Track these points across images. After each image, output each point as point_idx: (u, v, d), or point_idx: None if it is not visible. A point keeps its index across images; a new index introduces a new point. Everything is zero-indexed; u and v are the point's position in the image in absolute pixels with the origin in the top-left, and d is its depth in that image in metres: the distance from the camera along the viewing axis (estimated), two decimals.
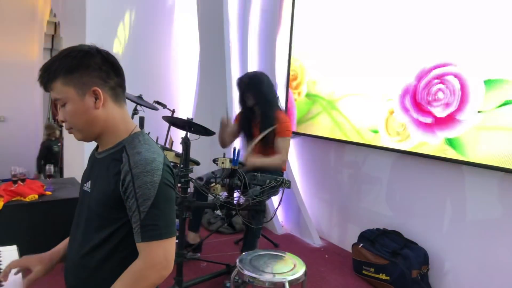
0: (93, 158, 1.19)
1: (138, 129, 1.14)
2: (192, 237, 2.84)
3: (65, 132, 4.95)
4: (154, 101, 3.20)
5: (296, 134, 3.54)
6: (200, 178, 2.53)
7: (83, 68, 1.03)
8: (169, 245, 1.02)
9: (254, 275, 1.73)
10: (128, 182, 1.01)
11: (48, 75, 1.03)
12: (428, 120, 2.50)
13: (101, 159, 1.12)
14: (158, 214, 1.00)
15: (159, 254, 1.00)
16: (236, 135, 2.95)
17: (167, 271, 1.02)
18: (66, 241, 1.27)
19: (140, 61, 4.09)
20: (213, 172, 2.50)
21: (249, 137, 2.88)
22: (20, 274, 1.18)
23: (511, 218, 2.18)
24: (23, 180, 2.67)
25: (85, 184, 1.15)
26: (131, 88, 1.17)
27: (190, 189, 2.32)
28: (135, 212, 1.00)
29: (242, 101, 2.83)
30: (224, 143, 2.90)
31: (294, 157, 3.71)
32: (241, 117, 2.91)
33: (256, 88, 2.73)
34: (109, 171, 1.06)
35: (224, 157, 2.36)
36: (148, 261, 0.99)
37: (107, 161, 1.09)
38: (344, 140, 3.12)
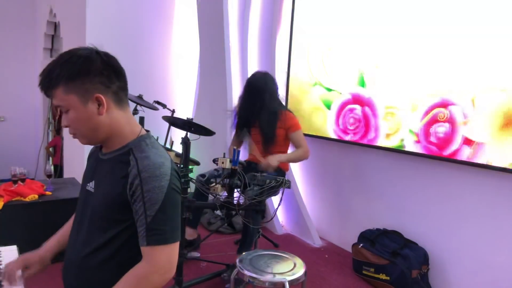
0: (96, 157, 1.18)
1: (144, 131, 1.13)
2: (189, 233, 2.84)
3: (65, 133, 4.95)
4: (154, 101, 3.20)
5: None
6: (202, 175, 2.53)
7: (84, 75, 1.01)
8: (173, 250, 1.02)
9: (254, 275, 1.73)
10: (136, 186, 1.00)
11: (49, 82, 1.01)
12: None
13: (107, 160, 1.11)
14: (164, 219, 1.00)
15: (163, 259, 1.00)
16: (242, 141, 2.99)
17: (170, 275, 1.02)
18: (57, 237, 1.28)
19: (140, 61, 4.09)
20: (216, 169, 2.49)
21: (246, 124, 2.90)
22: (19, 273, 1.19)
23: (511, 217, 2.18)
24: (23, 180, 2.67)
25: (88, 184, 1.14)
26: (131, 88, 1.16)
27: (190, 189, 2.32)
28: (141, 216, 1.00)
29: (248, 104, 2.82)
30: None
31: None
32: (240, 122, 2.92)
33: (262, 97, 2.75)
34: (115, 173, 1.06)
35: (224, 157, 2.36)
36: (152, 265, 0.99)
37: (113, 163, 1.08)
38: (344, 140, 3.13)
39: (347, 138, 3.07)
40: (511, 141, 2.10)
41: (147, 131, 1.16)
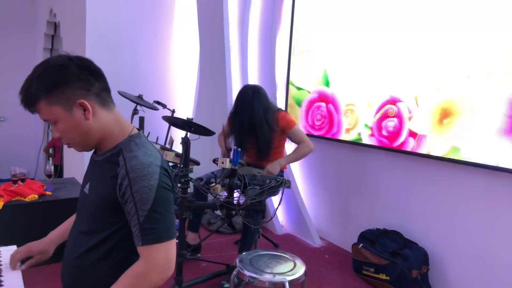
0: (92, 160, 1.19)
1: (135, 130, 1.13)
2: (192, 238, 2.82)
3: None
4: (154, 101, 3.20)
5: None
6: (200, 179, 2.53)
7: (62, 83, 1.00)
8: (170, 247, 1.02)
9: (254, 275, 1.73)
10: (125, 187, 1.01)
11: (29, 99, 1.00)
12: None
13: (99, 161, 1.12)
14: (157, 218, 1.00)
15: (160, 257, 1.00)
16: (229, 136, 2.94)
17: (169, 273, 1.02)
18: (61, 230, 1.30)
19: (140, 61, 4.09)
20: (213, 172, 2.49)
21: (242, 142, 2.84)
22: (20, 273, 1.21)
23: (511, 217, 2.18)
24: (23, 180, 2.67)
25: (85, 186, 1.16)
26: (131, 88, 1.17)
27: (190, 189, 2.32)
28: (134, 216, 1.00)
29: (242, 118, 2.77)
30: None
31: None
32: (233, 121, 2.86)
33: (258, 116, 2.70)
34: (105, 174, 1.06)
35: (223, 157, 2.36)
36: (149, 264, 0.99)
37: (104, 164, 1.09)
38: (344, 140, 3.13)
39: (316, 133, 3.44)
40: (446, 133, 2.41)
41: (139, 129, 1.16)
